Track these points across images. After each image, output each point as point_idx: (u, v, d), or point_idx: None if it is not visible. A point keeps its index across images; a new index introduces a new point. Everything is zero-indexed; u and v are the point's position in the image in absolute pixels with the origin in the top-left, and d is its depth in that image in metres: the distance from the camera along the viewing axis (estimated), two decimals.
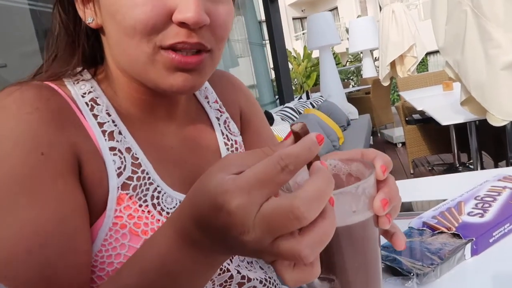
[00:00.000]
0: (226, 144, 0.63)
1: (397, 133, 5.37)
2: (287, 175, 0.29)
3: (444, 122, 2.23)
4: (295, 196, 0.28)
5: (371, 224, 0.37)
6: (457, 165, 3.64)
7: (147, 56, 0.45)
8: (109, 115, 0.51)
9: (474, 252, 0.64)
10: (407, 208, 0.88)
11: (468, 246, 0.64)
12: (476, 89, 1.59)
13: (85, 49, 0.52)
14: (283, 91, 5.37)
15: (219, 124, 0.64)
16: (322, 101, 4.93)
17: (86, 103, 0.50)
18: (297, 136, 0.32)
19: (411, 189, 1.04)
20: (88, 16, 0.49)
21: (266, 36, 5.41)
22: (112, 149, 0.48)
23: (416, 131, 3.80)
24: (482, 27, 1.52)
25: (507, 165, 2.65)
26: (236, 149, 0.65)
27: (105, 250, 0.46)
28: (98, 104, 0.50)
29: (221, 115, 0.65)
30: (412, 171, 4.03)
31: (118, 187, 0.47)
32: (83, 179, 0.46)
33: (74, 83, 0.51)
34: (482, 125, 2.10)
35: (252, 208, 0.28)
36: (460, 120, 2.18)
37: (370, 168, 0.38)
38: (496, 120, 1.55)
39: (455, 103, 2.28)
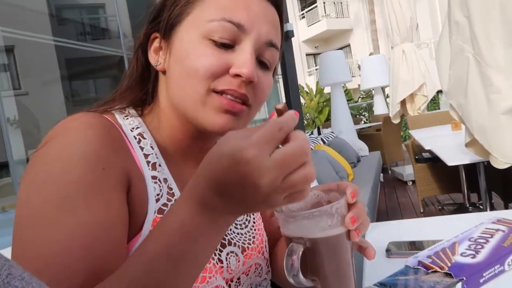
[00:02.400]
0: None
1: (408, 170, 5.36)
2: (283, 134, 0.40)
3: (450, 162, 2.26)
4: (298, 141, 0.39)
5: (344, 237, 0.49)
6: (467, 205, 3.61)
7: (199, 96, 0.54)
8: (152, 149, 0.59)
9: None
10: (418, 247, 0.90)
11: (459, 285, 0.68)
12: (479, 132, 1.64)
13: (148, 89, 0.63)
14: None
15: None
16: (333, 137, 4.99)
17: (135, 136, 0.58)
18: (280, 112, 0.43)
19: (420, 227, 1.07)
20: (157, 61, 0.60)
21: (279, 71, 5.55)
22: (154, 177, 0.57)
23: (426, 170, 3.80)
24: (483, 73, 1.59)
25: None
26: None
27: None
28: (144, 138, 0.59)
29: None
30: (422, 210, 4.00)
31: (155, 211, 0.55)
32: (130, 199, 0.53)
33: (124, 118, 0.60)
34: (491, 166, 2.13)
35: (265, 157, 0.37)
36: (466, 160, 2.21)
37: (342, 194, 0.51)
38: (499, 162, 1.59)
39: (462, 143, 2.32)
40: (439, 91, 7.86)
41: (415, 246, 0.92)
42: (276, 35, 0.59)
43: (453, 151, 2.55)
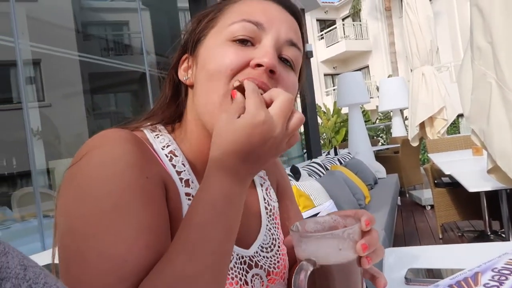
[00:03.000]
0: (266, 208, 0.71)
1: (426, 195, 5.25)
2: (261, 96, 0.49)
3: (471, 188, 2.21)
4: (282, 93, 0.49)
5: (354, 263, 0.50)
6: (489, 233, 3.51)
7: (219, 97, 0.55)
8: (184, 166, 0.60)
9: None
10: (438, 275, 0.88)
11: None
12: (502, 158, 1.60)
13: (180, 107, 0.64)
14: (311, 146, 5.44)
15: (262, 190, 0.73)
16: (349, 158, 4.95)
17: (166, 155, 0.59)
18: (241, 88, 0.51)
19: (440, 255, 1.05)
20: (185, 76, 0.62)
21: None
22: (187, 194, 0.58)
23: (445, 195, 3.72)
24: (506, 98, 1.56)
25: None
26: (273, 214, 0.72)
27: None
28: (176, 156, 0.60)
29: (264, 182, 0.74)
30: (441, 236, 3.90)
31: None
32: (167, 210, 0.54)
33: (154, 137, 0.61)
34: None
35: (269, 116, 0.47)
36: (488, 187, 2.15)
37: (357, 221, 0.52)
38: None
39: (484, 169, 2.27)
40: (460, 115, 7.75)
41: (435, 274, 0.89)
42: (296, 38, 0.60)
43: (474, 176, 2.49)
